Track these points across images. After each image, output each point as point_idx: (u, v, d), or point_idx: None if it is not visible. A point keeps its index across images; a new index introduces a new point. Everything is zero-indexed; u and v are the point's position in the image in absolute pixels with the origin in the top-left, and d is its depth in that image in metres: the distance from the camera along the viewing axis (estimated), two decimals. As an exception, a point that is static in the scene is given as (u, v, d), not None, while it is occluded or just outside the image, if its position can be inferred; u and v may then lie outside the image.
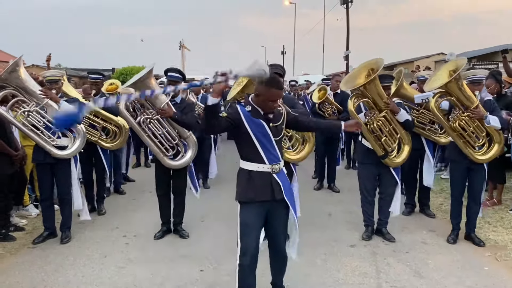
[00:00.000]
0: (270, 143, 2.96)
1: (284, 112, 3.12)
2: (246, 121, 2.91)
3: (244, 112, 2.93)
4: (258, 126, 2.92)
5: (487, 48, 24.32)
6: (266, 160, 2.94)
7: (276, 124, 2.99)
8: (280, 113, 3.08)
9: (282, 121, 3.06)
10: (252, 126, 2.91)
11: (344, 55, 24.52)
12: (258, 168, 2.95)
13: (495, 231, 4.79)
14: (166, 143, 4.47)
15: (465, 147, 4.23)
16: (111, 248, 4.42)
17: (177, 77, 4.54)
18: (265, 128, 2.93)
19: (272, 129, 2.96)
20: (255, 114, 2.93)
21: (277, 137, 3.00)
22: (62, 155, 4.41)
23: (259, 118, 2.93)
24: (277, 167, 2.98)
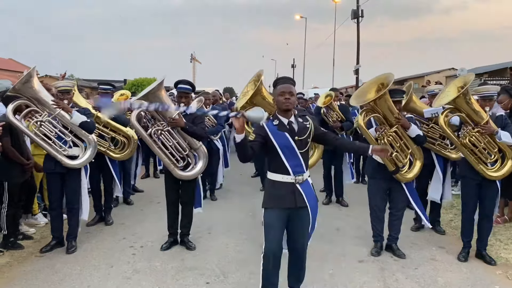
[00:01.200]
0: (294, 155, 3.12)
1: (311, 127, 3.24)
2: (271, 135, 3.11)
3: (270, 126, 3.13)
4: (283, 138, 3.10)
5: (498, 63, 24.20)
6: (290, 171, 3.12)
7: (301, 137, 3.15)
8: (306, 127, 3.21)
9: (307, 135, 3.20)
10: (277, 139, 3.10)
11: (354, 69, 24.55)
12: (283, 178, 3.13)
13: (506, 248, 4.70)
14: (176, 154, 4.48)
15: (477, 164, 4.16)
16: (118, 258, 4.42)
17: (187, 89, 4.59)
18: (289, 140, 3.10)
19: (296, 142, 3.12)
20: (281, 127, 3.12)
21: (302, 150, 3.15)
22: (73, 165, 4.44)
23: (284, 131, 3.12)
24: (300, 178, 3.15)
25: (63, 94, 4.48)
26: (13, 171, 4.58)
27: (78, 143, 4.50)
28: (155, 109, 3.36)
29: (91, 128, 4.51)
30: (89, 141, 4.55)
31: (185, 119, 4.44)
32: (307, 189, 3.19)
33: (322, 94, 7.19)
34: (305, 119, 3.26)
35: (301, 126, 3.19)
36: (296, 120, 3.20)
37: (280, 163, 3.13)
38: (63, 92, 4.49)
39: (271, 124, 3.15)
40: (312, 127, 3.23)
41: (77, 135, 4.48)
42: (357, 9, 23.93)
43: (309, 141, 3.20)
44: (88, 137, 4.53)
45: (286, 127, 3.14)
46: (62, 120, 4.38)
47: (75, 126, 4.38)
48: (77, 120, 4.35)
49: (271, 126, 3.14)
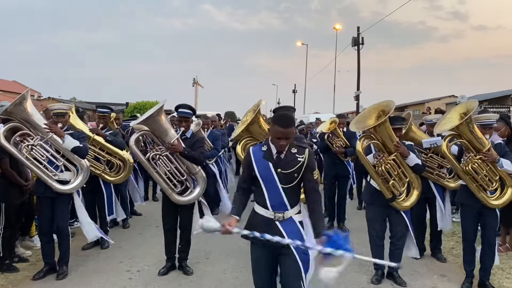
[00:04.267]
0: (275, 189, 2.86)
1: (305, 162, 2.90)
2: (255, 162, 2.90)
3: (256, 152, 2.93)
4: (265, 168, 2.86)
5: (498, 91, 24.38)
6: (269, 205, 2.87)
7: (285, 171, 2.85)
8: (296, 160, 2.88)
9: (296, 169, 2.87)
10: (260, 168, 2.88)
11: (354, 95, 24.75)
12: (261, 211, 2.91)
13: (508, 278, 4.63)
14: (174, 178, 4.46)
15: (478, 192, 4.12)
16: (114, 283, 4.35)
17: (188, 113, 4.57)
18: (270, 172, 2.85)
19: (279, 175, 2.85)
20: (267, 155, 2.87)
21: (286, 184, 2.86)
22: (64, 190, 4.35)
23: (269, 160, 2.86)
24: (281, 216, 2.86)
25: (58, 117, 4.44)
26: (11, 193, 4.56)
27: (70, 168, 4.44)
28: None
29: (84, 154, 4.45)
30: (81, 166, 4.49)
31: (185, 143, 4.44)
32: (289, 227, 2.86)
33: (327, 120, 7.24)
34: (301, 151, 2.93)
35: (290, 158, 2.88)
36: (288, 150, 2.89)
37: (260, 194, 2.91)
38: (58, 115, 4.46)
39: (259, 150, 2.94)
40: (306, 162, 2.89)
41: (69, 160, 4.42)
42: (358, 36, 24.32)
43: (296, 176, 2.87)
44: (80, 162, 4.47)
45: (271, 156, 2.88)
46: (54, 144, 4.32)
47: (67, 150, 4.33)
48: (69, 145, 4.28)
49: (258, 152, 2.93)
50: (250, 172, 2.93)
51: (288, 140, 2.81)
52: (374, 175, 4.25)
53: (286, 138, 2.80)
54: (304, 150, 2.91)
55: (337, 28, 31.46)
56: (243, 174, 3.01)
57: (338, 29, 31.53)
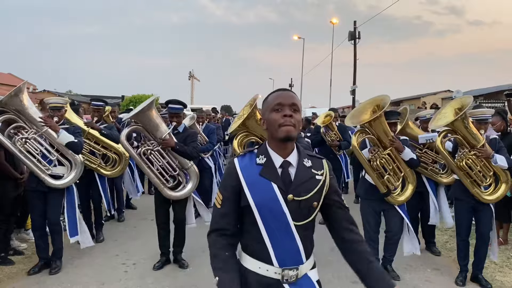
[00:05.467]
0: (284, 229, 1.71)
1: (326, 181, 1.80)
2: (246, 184, 1.73)
3: (246, 168, 1.77)
4: (266, 193, 1.70)
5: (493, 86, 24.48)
6: (274, 258, 1.72)
7: (301, 197, 1.71)
8: (315, 179, 1.77)
9: (315, 194, 1.74)
10: (255, 193, 1.71)
11: (350, 89, 24.76)
12: (261, 269, 1.74)
13: (501, 271, 4.68)
14: (166, 173, 4.45)
15: (472, 187, 4.14)
16: (110, 276, 4.36)
17: (178, 109, 4.55)
18: (275, 199, 1.70)
19: (290, 204, 1.70)
20: (268, 170, 1.73)
21: (302, 221, 1.73)
22: (57, 185, 4.31)
23: (272, 178, 1.72)
24: (292, 274, 1.73)
25: (54, 111, 4.40)
26: (6, 186, 4.55)
27: (63, 162, 4.41)
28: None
29: (78, 149, 4.41)
30: (75, 161, 4.46)
31: (178, 137, 4.44)
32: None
33: (322, 113, 7.27)
34: (318, 165, 1.82)
35: (306, 174, 1.75)
36: (300, 160, 1.77)
37: (256, 239, 1.74)
38: (54, 109, 4.42)
39: (250, 162, 1.78)
40: (326, 182, 1.80)
41: (63, 154, 4.39)
42: (354, 30, 24.28)
43: (316, 206, 1.76)
44: (74, 157, 4.44)
45: (275, 172, 1.73)
46: (49, 138, 4.29)
47: (62, 145, 4.30)
48: (63, 139, 4.25)
49: (250, 166, 1.76)
50: (235, 201, 1.76)
51: (298, 115, 1.73)
52: (369, 169, 4.27)
53: (293, 106, 1.72)
54: (321, 163, 1.84)
55: (334, 22, 31.36)
56: (222, 207, 1.77)
57: (335, 23, 31.43)
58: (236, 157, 1.84)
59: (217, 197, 1.81)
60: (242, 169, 1.77)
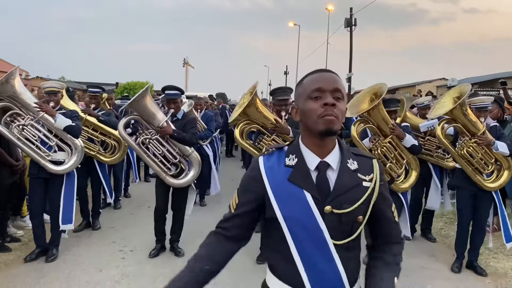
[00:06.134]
0: (321, 249, 1.39)
1: (375, 188, 1.46)
2: (272, 191, 1.42)
3: (273, 169, 1.45)
4: (297, 203, 1.38)
5: (488, 75, 24.53)
6: (308, 284, 1.40)
7: (342, 209, 1.38)
8: (361, 186, 1.43)
9: (361, 204, 1.41)
10: (283, 204, 1.40)
11: (346, 77, 24.72)
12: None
13: (495, 258, 4.74)
14: (167, 162, 4.42)
15: (474, 175, 4.14)
16: (107, 262, 4.37)
17: (175, 94, 4.50)
18: (310, 212, 1.38)
19: (328, 218, 1.38)
20: (299, 174, 1.40)
21: (342, 239, 1.40)
22: (58, 171, 4.28)
23: (304, 184, 1.39)
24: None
25: (49, 96, 4.32)
26: (1, 173, 4.51)
27: (64, 148, 4.36)
28: None
29: (77, 133, 4.35)
30: (75, 146, 4.41)
31: (176, 124, 4.40)
32: None
33: None
34: (366, 166, 1.47)
35: (350, 179, 1.41)
36: (343, 162, 1.43)
37: (287, 261, 1.42)
38: (49, 93, 4.33)
39: (278, 164, 1.45)
40: (376, 190, 1.46)
41: (63, 140, 4.34)
42: (350, 17, 24.14)
43: (361, 220, 1.43)
44: (74, 142, 4.39)
45: (309, 177, 1.40)
46: (46, 123, 4.23)
47: (60, 130, 4.25)
48: (61, 124, 4.19)
49: (277, 168, 1.44)
50: (254, 209, 1.49)
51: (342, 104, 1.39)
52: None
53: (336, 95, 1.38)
54: (370, 164, 1.49)
55: (330, 9, 31.18)
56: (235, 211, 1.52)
57: (331, 10, 31.25)
58: (262, 155, 1.50)
59: (233, 200, 1.52)
60: (268, 171, 1.44)
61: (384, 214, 1.50)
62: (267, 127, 4.13)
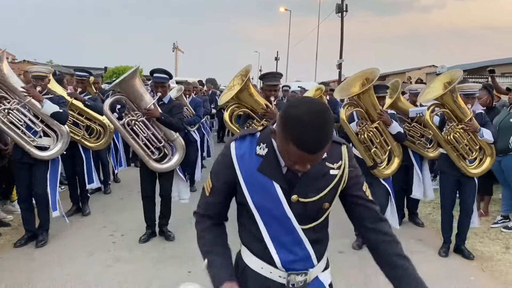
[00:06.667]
0: (290, 233, 1.49)
1: (343, 176, 1.51)
2: (243, 179, 1.48)
3: (244, 156, 1.49)
4: (266, 193, 1.46)
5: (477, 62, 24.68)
6: (278, 262, 1.50)
7: (307, 198, 1.46)
8: (328, 175, 1.49)
9: (327, 193, 1.48)
10: (254, 192, 1.48)
11: (337, 63, 24.70)
12: (263, 270, 1.53)
13: (481, 242, 4.83)
14: (152, 145, 4.38)
15: (459, 161, 4.20)
16: (98, 247, 4.37)
17: (163, 78, 4.46)
18: (277, 201, 1.45)
19: (295, 206, 1.46)
20: (269, 165, 1.46)
21: (309, 223, 1.49)
22: (43, 157, 4.23)
23: (273, 176, 1.45)
24: (300, 280, 1.52)
25: (36, 80, 4.26)
26: (-11, 157, 4.46)
27: (49, 133, 4.32)
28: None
29: (63, 119, 4.31)
30: (61, 132, 4.37)
31: (162, 108, 4.36)
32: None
33: (312, 87, 7.24)
34: (335, 153, 1.52)
35: (317, 169, 1.45)
36: None
37: (259, 240, 1.52)
38: (36, 78, 4.27)
39: (250, 151, 1.49)
40: (344, 177, 1.51)
41: (49, 125, 4.30)
42: (342, 3, 24.03)
43: (328, 206, 1.51)
44: (60, 128, 4.35)
45: (278, 168, 1.45)
46: (33, 108, 4.18)
47: (46, 116, 4.20)
48: (48, 110, 4.15)
49: (248, 156, 1.48)
50: (227, 193, 1.56)
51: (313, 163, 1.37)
52: (356, 142, 4.31)
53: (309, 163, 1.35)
54: (339, 152, 1.53)
55: (321, -5, 30.98)
56: (210, 196, 1.58)
57: (322, -5, 31.05)
58: (234, 140, 1.52)
59: (207, 184, 1.58)
60: (239, 159, 1.48)
61: (357, 196, 1.55)
62: (257, 111, 4.13)
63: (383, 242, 1.55)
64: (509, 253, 4.52)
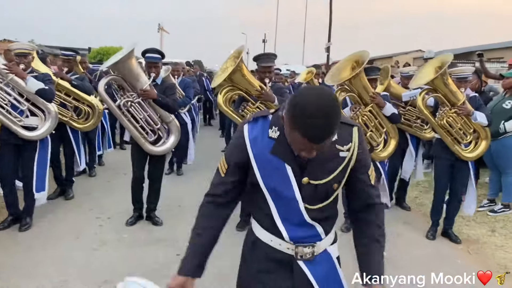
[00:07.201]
0: (296, 212, 1.54)
1: (352, 158, 1.55)
2: (256, 162, 1.53)
3: (257, 139, 1.54)
4: (278, 174, 1.51)
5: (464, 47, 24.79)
6: (285, 234, 1.57)
7: (318, 180, 1.51)
8: (338, 157, 1.53)
9: (336, 175, 1.53)
10: (266, 174, 1.53)
11: (325, 46, 24.60)
12: (272, 242, 1.61)
13: (468, 225, 4.89)
14: (147, 127, 4.30)
15: (453, 145, 4.19)
16: (84, 230, 4.30)
17: (156, 58, 4.34)
18: (289, 183, 1.51)
19: (305, 188, 1.51)
20: (281, 148, 1.49)
21: (317, 204, 1.55)
22: (31, 137, 4.11)
23: (285, 158, 1.50)
24: (308, 251, 1.58)
25: (19, 58, 4.09)
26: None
27: (36, 113, 4.18)
28: None
29: (49, 96, 4.16)
30: (49, 111, 4.23)
31: (156, 89, 4.26)
32: (322, 270, 1.63)
33: (304, 70, 7.20)
34: (346, 134, 1.54)
35: (328, 151, 1.48)
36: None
37: (269, 217, 1.59)
38: (19, 55, 4.10)
39: (262, 134, 1.53)
40: (353, 159, 1.55)
41: (35, 104, 4.16)
42: (330, -15, 23.82)
43: (336, 187, 1.56)
44: (47, 106, 4.21)
45: (289, 150, 1.48)
46: (16, 87, 4.02)
47: (32, 94, 4.05)
48: (32, 87, 4.00)
49: (261, 139, 1.53)
50: (240, 174, 1.59)
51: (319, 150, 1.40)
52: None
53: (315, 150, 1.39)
54: (350, 133, 1.55)
55: (309, -24, 30.65)
56: (225, 176, 1.61)
57: (311, -23, 30.74)
58: (247, 122, 1.57)
59: (222, 164, 1.61)
60: (252, 142, 1.53)
61: (360, 179, 1.60)
62: (251, 94, 4.05)
63: (367, 223, 1.64)
64: (494, 236, 4.59)
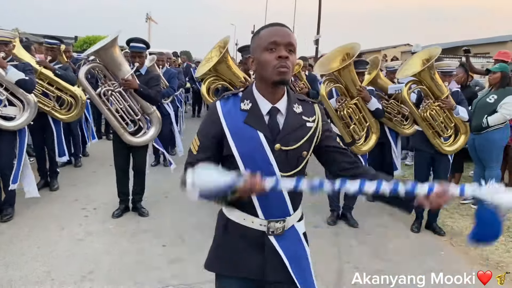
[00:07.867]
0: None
1: (317, 128, 1.69)
2: (230, 133, 1.61)
3: (229, 113, 1.63)
4: (252, 142, 1.59)
5: (452, 42, 25.00)
6: (259, 210, 1.64)
7: (289, 146, 1.61)
8: (305, 127, 1.66)
9: (305, 142, 1.64)
10: (240, 143, 1.60)
11: (314, 39, 24.58)
12: (245, 221, 1.67)
13: (451, 217, 4.96)
14: (127, 117, 4.24)
15: (434, 138, 4.25)
16: (69, 221, 4.26)
17: (141, 48, 4.30)
18: (261, 149, 1.59)
19: (277, 154, 1.60)
20: (253, 118, 1.60)
21: (289, 171, 1.62)
22: (8, 127, 4.03)
23: (258, 127, 1.59)
24: (279, 227, 1.67)
25: (0, 46, 4.02)
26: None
27: (15, 103, 4.10)
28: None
29: (29, 87, 4.09)
30: (28, 101, 4.16)
31: (139, 79, 4.22)
32: (290, 246, 1.72)
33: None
34: (309, 110, 1.71)
35: (295, 121, 1.64)
36: (290, 106, 1.65)
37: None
38: (0, 43, 4.03)
39: (234, 108, 1.64)
40: (318, 129, 1.69)
41: (14, 94, 4.08)
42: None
43: (305, 155, 1.66)
44: (26, 97, 4.14)
45: (262, 120, 1.61)
46: None
47: (11, 83, 3.97)
48: (12, 77, 3.93)
49: (234, 112, 1.63)
50: (215, 149, 1.64)
51: (293, 56, 1.57)
52: (335, 119, 4.30)
53: (289, 45, 1.55)
54: (312, 108, 1.72)
55: (299, -32, 30.52)
56: (198, 154, 1.65)
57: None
58: (218, 100, 1.68)
59: (194, 142, 1.67)
60: (225, 115, 1.63)
61: (332, 146, 1.74)
62: (235, 85, 4.04)
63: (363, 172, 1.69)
64: (477, 229, 4.65)
